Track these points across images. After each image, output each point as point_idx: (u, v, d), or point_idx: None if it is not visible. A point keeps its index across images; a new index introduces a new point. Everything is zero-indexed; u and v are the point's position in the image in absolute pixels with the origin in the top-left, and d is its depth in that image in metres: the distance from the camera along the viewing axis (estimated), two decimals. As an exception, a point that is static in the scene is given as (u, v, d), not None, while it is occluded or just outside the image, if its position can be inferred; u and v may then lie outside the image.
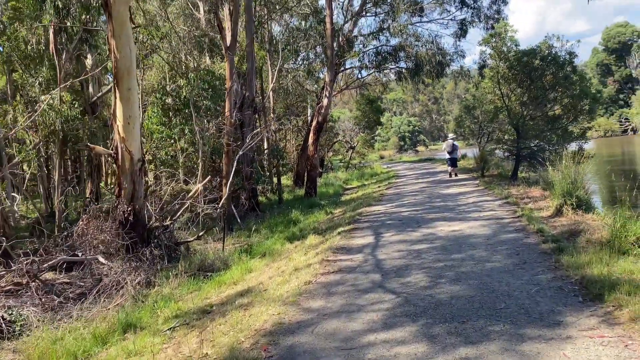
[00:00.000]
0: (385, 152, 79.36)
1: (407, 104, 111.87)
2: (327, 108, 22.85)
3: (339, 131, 42.81)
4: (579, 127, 19.44)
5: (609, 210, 10.44)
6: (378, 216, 12.72)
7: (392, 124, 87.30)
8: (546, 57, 18.18)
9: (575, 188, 9.98)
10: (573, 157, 17.75)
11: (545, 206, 11.28)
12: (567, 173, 10.18)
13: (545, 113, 19.94)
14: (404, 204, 14.88)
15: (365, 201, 16.90)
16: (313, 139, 23.02)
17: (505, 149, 21.63)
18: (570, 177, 10.09)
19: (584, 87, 18.18)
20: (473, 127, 34.13)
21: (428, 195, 16.54)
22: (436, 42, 23.29)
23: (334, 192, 24.77)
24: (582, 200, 9.88)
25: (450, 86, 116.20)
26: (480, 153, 29.19)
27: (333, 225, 12.58)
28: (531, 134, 19.78)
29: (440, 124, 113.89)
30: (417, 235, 9.40)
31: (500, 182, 18.08)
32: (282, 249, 11.17)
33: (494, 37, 18.91)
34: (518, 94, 19.88)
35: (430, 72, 23.46)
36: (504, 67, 19.40)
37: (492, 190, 15.69)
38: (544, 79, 19.02)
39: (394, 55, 23.85)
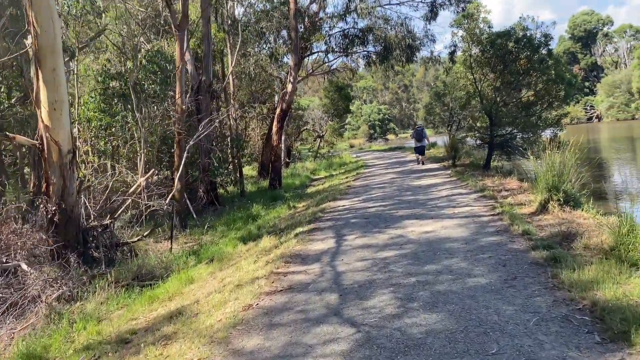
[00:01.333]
0: (356, 140, 78.20)
1: (377, 92, 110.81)
2: (292, 94, 21.33)
3: (308, 120, 41.35)
4: (554, 114, 18.36)
5: (596, 205, 9.29)
6: (342, 213, 11.33)
7: (362, 112, 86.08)
8: (521, 40, 16.97)
9: (562, 181, 8.74)
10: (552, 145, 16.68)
11: (526, 201, 10.05)
12: (552, 164, 8.93)
13: (519, 99, 18.82)
14: (371, 197, 13.53)
15: (331, 194, 15.51)
16: (277, 128, 21.53)
17: (477, 137, 20.46)
18: (555, 168, 8.84)
19: (560, 72, 17.06)
20: (443, 115, 33.12)
21: (397, 187, 15.23)
22: (406, 24, 21.90)
23: (300, 184, 23.37)
24: (570, 195, 8.65)
25: (420, 74, 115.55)
26: (451, 141, 28.06)
27: (293, 223, 11.14)
28: (504, 121, 18.64)
29: (410, 112, 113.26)
30: (384, 238, 8.02)
31: (473, 172, 16.89)
32: (234, 251, 9.73)
33: (467, 19, 17.61)
34: (491, 79, 18.69)
35: (400, 56, 22.08)
36: (477, 51, 18.16)
37: (465, 181, 14.46)
38: (518, 62, 17.86)
39: (362, 38, 22.38)
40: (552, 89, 17.40)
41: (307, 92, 79.08)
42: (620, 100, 71.98)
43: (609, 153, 30.37)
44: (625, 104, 75.24)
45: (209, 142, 18.12)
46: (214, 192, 18.07)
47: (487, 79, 18.84)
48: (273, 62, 23.38)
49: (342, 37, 22.49)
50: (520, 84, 18.31)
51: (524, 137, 19.35)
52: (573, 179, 8.86)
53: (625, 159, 26.83)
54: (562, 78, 16.86)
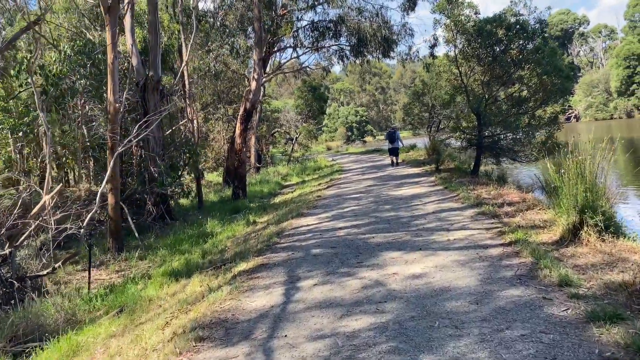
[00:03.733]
0: (333, 143, 75.74)
1: (354, 93, 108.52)
2: (257, 92, 18.69)
3: (284, 122, 38.72)
4: (549, 111, 16.06)
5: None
6: (304, 237, 8.72)
7: (339, 114, 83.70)
8: (513, 26, 14.59)
9: (598, 197, 6.28)
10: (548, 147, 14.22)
11: (541, 222, 7.58)
12: (581, 172, 6.45)
13: (510, 95, 16.48)
14: (343, 213, 10.95)
15: (297, 207, 12.93)
16: (240, 130, 18.93)
17: (463, 138, 18.05)
18: (587, 178, 6.37)
19: (557, 62, 14.73)
20: (423, 116, 30.78)
21: (375, 198, 12.70)
22: (382, 14, 19.46)
23: (269, 191, 20.79)
24: (609, 218, 6.19)
25: (397, 75, 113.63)
26: (432, 143, 25.74)
27: (243, 250, 8.54)
28: (494, 120, 16.27)
29: (388, 113, 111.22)
30: (354, 288, 5.44)
31: (461, 179, 14.46)
32: (157, 295, 7.14)
33: (450, 3, 15.17)
34: (479, 72, 16.32)
35: (376, 49, 19.61)
36: (463, 41, 15.75)
37: (454, 191, 12.00)
38: (509, 53, 15.50)
39: (334, 30, 19.86)
40: (547, 82, 15.07)
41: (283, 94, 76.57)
42: (599, 99, 70.80)
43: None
44: (604, 103, 74.21)
45: (160, 147, 15.45)
46: (164, 205, 15.36)
47: (474, 73, 16.46)
48: (235, 58, 20.67)
49: (311, 29, 19.93)
50: (511, 78, 15.96)
51: (515, 138, 17.02)
52: (610, 194, 6.40)
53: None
54: (559, 70, 14.53)
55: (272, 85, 67.75)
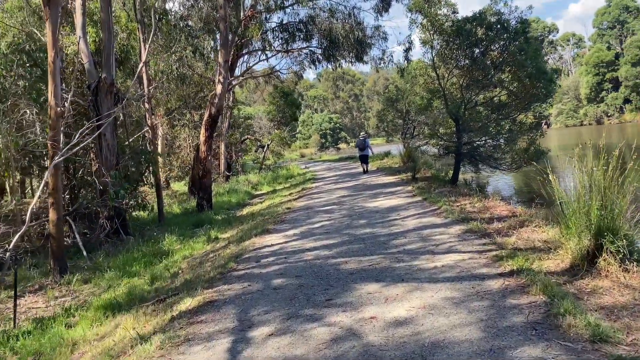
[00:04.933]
0: (307, 150, 74.61)
1: (328, 101, 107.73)
2: (222, 97, 17.32)
3: (256, 129, 37.30)
4: (532, 116, 15.12)
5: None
6: (266, 262, 7.40)
7: (313, 121, 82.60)
8: (494, 26, 13.60)
9: (617, 217, 5.14)
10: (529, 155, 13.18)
11: (541, 242, 6.45)
12: (594, 185, 5.31)
13: (490, 99, 15.49)
14: (312, 229, 9.68)
15: (263, 222, 11.63)
16: (205, 137, 17.51)
17: (440, 145, 17.00)
18: (603, 193, 5.23)
19: (540, 64, 13.79)
20: (396, 122, 29.81)
21: (348, 212, 11.46)
22: (354, 15, 18.31)
23: (237, 202, 19.42)
24: (631, 242, 5.05)
25: (370, 83, 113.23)
26: (407, 150, 24.71)
27: (192, 280, 7.18)
28: (473, 126, 15.26)
29: (362, 120, 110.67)
30: (320, 342, 4.16)
31: (440, 189, 13.36)
32: (84, 337, 5.81)
33: (427, 1, 14.11)
34: (457, 75, 15.30)
35: (349, 52, 18.46)
36: (441, 41, 14.71)
37: (435, 203, 10.85)
38: (489, 55, 14.53)
39: (305, 32, 18.63)
40: (530, 86, 14.12)
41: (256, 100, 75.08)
42: (569, 106, 71.24)
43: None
44: (574, 110, 74.77)
45: (114, 156, 13.96)
46: (120, 219, 13.86)
47: (452, 76, 15.44)
48: (199, 60, 19.25)
49: (281, 30, 18.66)
50: (492, 82, 14.98)
51: (495, 145, 16.05)
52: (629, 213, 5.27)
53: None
54: (543, 72, 13.57)
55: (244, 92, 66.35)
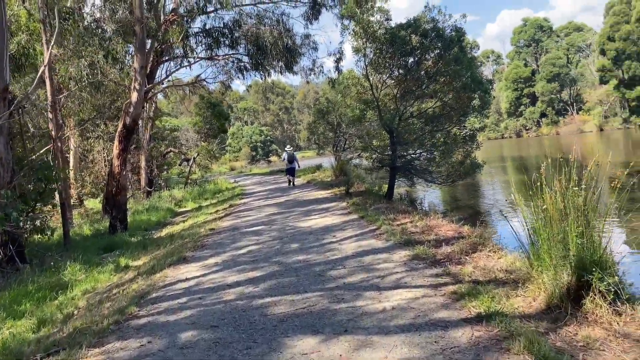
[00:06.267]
0: (237, 163, 72.58)
1: (258, 113, 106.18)
2: (138, 106, 15.61)
3: (183, 141, 35.24)
4: (467, 128, 14.60)
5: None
6: (176, 306, 5.97)
7: (243, 133, 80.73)
8: (429, 33, 12.92)
9: (595, 249, 4.24)
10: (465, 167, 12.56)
11: (501, 270, 5.51)
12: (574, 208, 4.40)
13: (425, 111, 14.83)
14: (237, 257, 8.33)
15: (181, 247, 10.15)
16: (119, 150, 15.77)
17: (374, 159, 16.16)
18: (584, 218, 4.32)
19: (475, 75, 13.27)
20: (328, 134, 28.98)
21: (279, 232, 10.21)
22: (283, 22, 17.20)
23: (157, 221, 17.63)
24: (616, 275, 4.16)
25: (301, 95, 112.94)
26: (339, 164, 23.87)
27: (82, 328, 5.63)
28: (408, 138, 14.51)
29: (292, 133, 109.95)
30: None
31: (376, 206, 12.40)
32: None
33: (360, 6, 13.24)
34: (391, 86, 14.53)
35: (278, 60, 17.29)
36: (374, 49, 13.88)
37: (373, 222, 9.85)
38: (424, 64, 13.86)
39: (230, 37, 17.28)
40: (464, 97, 13.56)
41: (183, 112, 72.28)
42: (491, 120, 73.84)
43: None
44: (495, 124, 77.76)
45: (9, 172, 11.96)
46: (15, 245, 11.83)
47: (386, 86, 14.65)
48: (113, 65, 17.38)
49: (204, 35, 17.20)
50: (426, 93, 14.32)
51: (429, 158, 15.40)
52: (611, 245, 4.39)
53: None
54: (478, 82, 13.03)
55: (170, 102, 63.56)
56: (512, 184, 5.63)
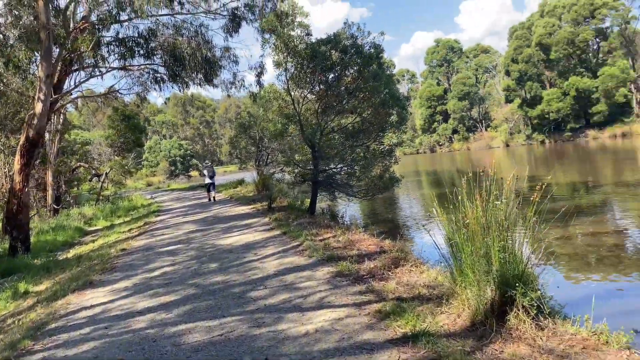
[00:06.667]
0: (155, 178, 69.87)
1: (178, 127, 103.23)
2: (43, 117, 14.42)
3: (95, 156, 33.20)
4: (386, 142, 14.77)
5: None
6: (77, 338, 5.34)
7: (161, 147, 77.97)
8: (349, 49, 12.97)
9: (517, 263, 4.22)
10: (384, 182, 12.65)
11: (424, 286, 5.43)
12: (494, 220, 4.38)
13: (345, 126, 14.86)
14: (150, 280, 7.73)
15: (88, 270, 9.34)
16: (21, 165, 14.53)
17: (296, 173, 15.95)
18: (506, 232, 4.31)
19: (393, 91, 13.48)
20: (250, 149, 28.51)
21: (197, 251, 9.68)
22: (202, 33, 16.66)
23: (65, 241, 16.35)
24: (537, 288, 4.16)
25: (222, 109, 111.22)
26: (261, 178, 23.49)
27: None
28: (330, 153, 14.46)
29: (214, 147, 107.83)
30: None
31: (299, 221, 12.17)
32: None
33: (280, 20, 13.07)
34: (313, 101, 14.45)
35: (196, 71, 16.70)
36: (295, 64, 13.73)
37: (295, 237, 9.60)
38: (343, 80, 13.90)
39: (146, 47, 16.48)
40: (383, 113, 13.73)
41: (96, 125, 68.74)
42: (407, 136, 76.36)
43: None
44: (411, 139, 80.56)
45: None
46: None
47: (307, 101, 14.55)
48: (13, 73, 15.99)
49: (118, 44, 16.30)
50: (346, 108, 14.35)
51: (350, 172, 15.42)
52: (532, 256, 4.40)
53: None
54: (396, 99, 13.24)
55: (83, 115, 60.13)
56: (434, 198, 5.58)
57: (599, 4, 60.23)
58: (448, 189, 4.94)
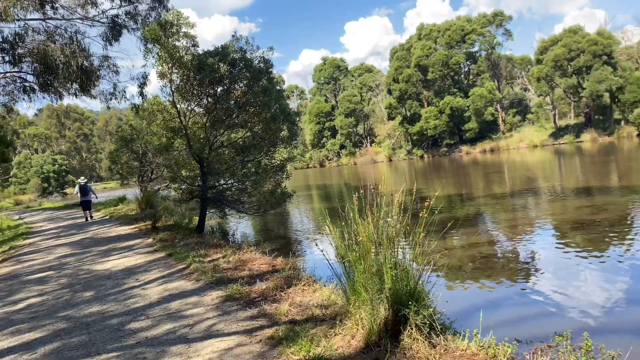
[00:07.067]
0: (25, 196, 63.53)
1: (52, 140, 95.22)
2: None
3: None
4: (278, 158, 14.64)
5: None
6: None
7: (33, 162, 71.30)
8: (237, 62, 12.68)
9: (409, 280, 4.22)
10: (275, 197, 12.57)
11: (317, 306, 5.28)
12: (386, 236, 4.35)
13: (235, 141, 14.50)
14: (12, 315, 6.76)
15: None
16: None
17: (183, 190, 15.24)
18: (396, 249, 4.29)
19: (284, 106, 13.41)
20: (132, 164, 26.88)
21: (70, 279, 8.72)
22: (77, 40, 15.39)
23: None
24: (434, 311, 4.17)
25: (102, 122, 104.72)
26: (145, 195, 22.21)
27: None
28: (219, 168, 14.01)
29: (92, 162, 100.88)
30: None
31: (185, 240, 11.58)
32: None
33: (164, 30, 12.45)
34: (201, 114, 13.92)
35: (72, 81, 15.37)
36: (181, 75, 13.14)
37: (181, 259, 9.06)
38: (233, 94, 13.58)
39: (12, 53, 14.85)
40: (274, 128, 13.61)
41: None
42: (297, 151, 77.38)
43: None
44: (301, 154, 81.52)
45: None
46: None
47: (195, 114, 13.99)
48: None
49: (-24, 48, 14.51)
50: (236, 122, 14.04)
51: (241, 188, 15.07)
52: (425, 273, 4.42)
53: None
54: (287, 114, 13.18)
55: None
56: (326, 215, 5.48)
57: (469, 30, 65.81)
58: (339, 204, 4.86)
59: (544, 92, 60.44)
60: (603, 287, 7.30)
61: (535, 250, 10.22)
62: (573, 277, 7.98)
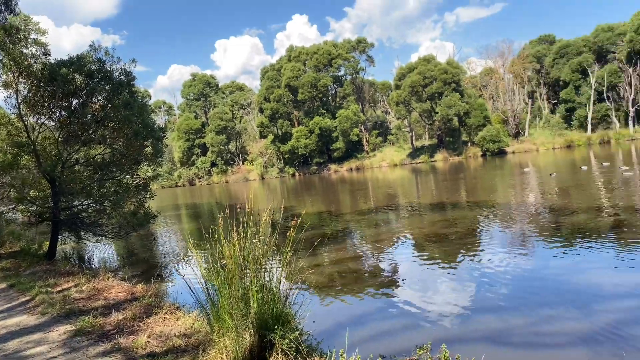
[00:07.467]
0: None
1: None
2: None
3: None
4: (141, 176, 13.76)
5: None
6: None
7: None
8: (95, 74, 11.73)
9: (276, 302, 4.08)
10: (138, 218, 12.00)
11: (180, 335, 4.93)
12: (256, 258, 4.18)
13: (93, 157, 13.38)
14: None
15: None
16: None
17: (32, 212, 13.67)
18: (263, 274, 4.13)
19: (148, 121, 12.67)
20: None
21: None
22: None
23: None
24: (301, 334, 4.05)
25: None
26: (-15, 218, 19.59)
27: None
28: (74, 188, 12.78)
29: None
30: None
31: (32, 268, 10.34)
32: None
33: (9, 35, 11.13)
34: (53, 128, 12.63)
35: None
36: (29, 86, 11.82)
37: (25, 291, 8.05)
38: (90, 107, 12.54)
39: None
40: (137, 144, 12.82)
41: None
42: (165, 169, 73.94)
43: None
44: (169, 172, 78.11)
45: None
46: None
47: (46, 128, 12.67)
48: None
49: None
50: (94, 138, 12.98)
51: (99, 209, 13.92)
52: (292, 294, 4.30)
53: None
54: (150, 130, 12.48)
55: None
56: (189, 238, 5.16)
57: (335, 55, 68.72)
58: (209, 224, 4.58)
59: (402, 115, 65.00)
60: (457, 296, 7.81)
61: (398, 264, 10.71)
62: (431, 289, 8.45)
